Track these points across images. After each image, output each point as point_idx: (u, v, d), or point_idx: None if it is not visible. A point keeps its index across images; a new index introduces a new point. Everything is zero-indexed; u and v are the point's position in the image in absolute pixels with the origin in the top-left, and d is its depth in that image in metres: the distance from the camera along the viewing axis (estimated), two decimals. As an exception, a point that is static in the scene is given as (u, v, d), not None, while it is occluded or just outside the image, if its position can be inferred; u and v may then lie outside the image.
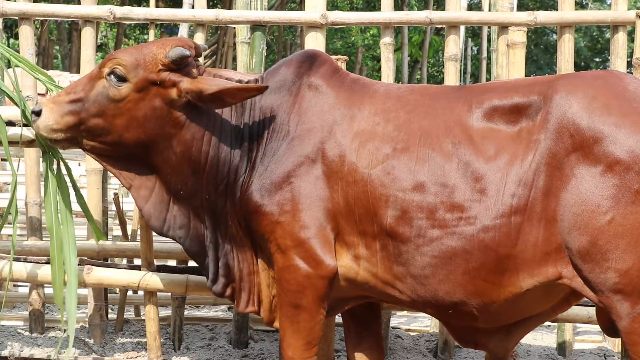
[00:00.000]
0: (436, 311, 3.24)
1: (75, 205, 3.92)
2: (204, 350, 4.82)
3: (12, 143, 3.93)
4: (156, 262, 4.29)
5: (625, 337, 2.95)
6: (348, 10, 16.20)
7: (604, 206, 2.86)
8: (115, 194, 5.09)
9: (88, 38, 4.83)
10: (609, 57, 4.93)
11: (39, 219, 5.02)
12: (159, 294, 4.35)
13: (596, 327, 4.62)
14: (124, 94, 3.27)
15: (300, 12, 4.93)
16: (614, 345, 5.07)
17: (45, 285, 4.94)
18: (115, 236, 5.91)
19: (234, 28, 4.99)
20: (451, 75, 4.89)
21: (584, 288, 2.95)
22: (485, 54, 11.23)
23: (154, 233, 4.17)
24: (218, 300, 5.42)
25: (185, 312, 5.14)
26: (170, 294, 4.82)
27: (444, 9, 5.03)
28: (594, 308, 3.55)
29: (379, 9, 5.00)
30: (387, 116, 3.23)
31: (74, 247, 3.79)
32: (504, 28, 4.84)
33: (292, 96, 3.35)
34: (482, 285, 3.05)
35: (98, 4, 4.93)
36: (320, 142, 3.23)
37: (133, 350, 4.75)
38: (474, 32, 19.29)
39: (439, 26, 4.97)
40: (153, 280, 4.17)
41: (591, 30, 24.63)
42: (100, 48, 20.23)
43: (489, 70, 8.09)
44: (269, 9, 7.44)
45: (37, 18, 4.93)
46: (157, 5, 8.31)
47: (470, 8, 15.34)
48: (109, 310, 5.39)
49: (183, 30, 5.02)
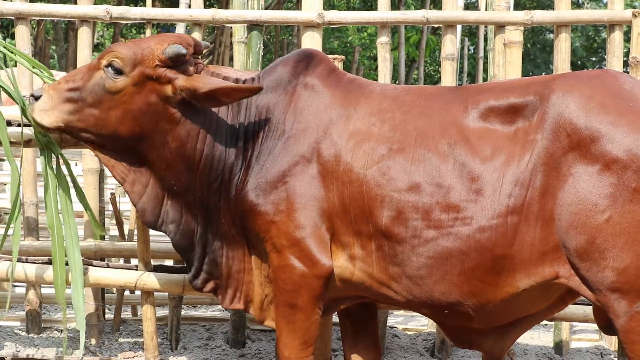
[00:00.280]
0: (432, 311, 3.24)
1: (76, 205, 3.90)
2: (201, 350, 4.82)
3: (11, 143, 3.93)
4: (153, 262, 4.28)
5: (622, 336, 2.95)
6: (345, 10, 16.22)
7: (601, 205, 2.86)
8: (112, 194, 5.09)
9: (85, 38, 4.83)
10: (605, 57, 4.94)
11: (36, 219, 5.02)
12: (156, 293, 4.35)
13: (593, 326, 4.63)
14: (120, 86, 3.26)
15: (297, 12, 4.93)
16: (611, 343, 5.07)
17: (42, 285, 4.94)
18: (112, 236, 5.91)
19: (231, 28, 4.98)
20: (448, 75, 4.89)
21: (581, 287, 2.95)
22: (482, 53, 11.24)
23: (151, 233, 4.19)
24: (215, 300, 5.42)
25: (183, 312, 5.14)
26: (167, 293, 4.83)
27: (440, 9, 5.03)
28: (591, 307, 3.56)
29: (376, 9, 5.01)
30: (383, 116, 3.22)
31: (77, 243, 3.77)
32: (500, 27, 4.84)
33: (288, 95, 3.35)
34: (478, 286, 3.05)
35: (95, 4, 4.92)
36: (316, 142, 3.23)
37: (130, 350, 4.74)
38: (470, 32, 19.30)
39: (436, 25, 4.97)
40: (150, 280, 4.16)
41: (587, 30, 24.65)
42: (96, 48, 20.21)
43: (485, 70, 8.10)
44: (266, 8, 7.44)
45: (34, 18, 4.93)
46: (154, 5, 8.30)
47: (467, 7, 15.35)
48: (106, 311, 5.39)
49: (180, 30, 5.00)
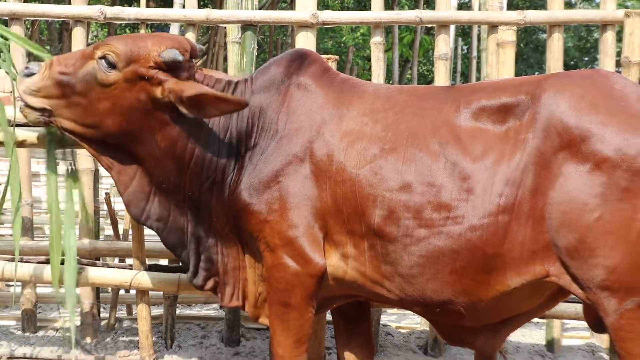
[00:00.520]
0: (424, 310, 3.25)
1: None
2: (196, 349, 4.83)
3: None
4: (148, 261, 4.29)
5: (612, 333, 2.96)
6: (339, 10, 16.20)
7: (591, 204, 2.87)
8: (107, 194, 5.09)
9: (79, 38, 4.83)
10: (598, 56, 4.95)
11: (31, 219, 5.02)
12: (151, 292, 4.35)
13: (584, 324, 4.63)
14: (112, 80, 3.24)
15: (291, 12, 4.94)
16: (602, 341, 5.10)
17: (37, 284, 4.94)
18: (107, 236, 5.91)
19: (225, 28, 4.98)
20: (441, 75, 4.90)
21: (572, 285, 2.96)
22: (475, 53, 11.24)
23: (146, 232, 4.19)
24: (210, 298, 5.44)
25: (177, 311, 5.14)
26: (162, 292, 4.83)
27: (434, 9, 5.04)
28: (582, 305, 3.57)
29: (370, 9, 5.01)
30: (376, 116, 3.23)
31: (73, 225, 3.72)
32: (493, 27, 4.85)
33: (281, 95, 3.35)
34: (470, 284, 3.06)
35: (89, 4, 4.92)
36: (309, 142, 3.24)
37: (125, 349, 4.75)
38: (464, 32, 19.30)
39: (429, 25, 4.98)
40: (145, 279, 4.17)
41: (579, 30, 24.69)
42: (91, 48, 20.12)
43: (479, 69, 8.12)
44: (260, 8, 7.44)
45: (28, 18, 4.92)
46: (148, 5, 8.28)
47: (460, 7, 15.36)
48: (101, 310, 5.39)
49: (174, 30, 5.00)
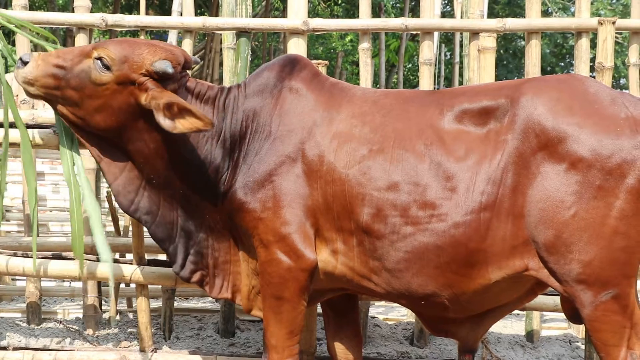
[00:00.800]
0: (409, 302, 3.25)
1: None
2: (192, 340, 4.82)
3: (12, 144, 3.93)
4: (147, 257, 4.28)
5: (588, 324, 2.98)
6: (328, 18, 16.21)
7: (567, 201, 2.89)
8: (108, 192, 5.08)
9: (82, 44, 4.81)
10: (573, 62, 4.96)
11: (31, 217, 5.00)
12: (150, 286, 4.34)
13: (562, 315, 4.65)
14: (105, 80, 3.23)
15: (283, 19, 4.93)
16: (579, 331, 5.11)
17: (42, 278, 4.93)
18: (108, 232, 5.90)
19: (220, 34, 4.97)
20: (426, 79, 4.90)
21: (550, 279, 2.98)
22: (457, 59, 11.24)
23: (145, 229, 4.18)
24: (206, 292, 5.43)
25: (175, 304, 5.13)
26: (160, 286, 4.82)
27: (419, 17, 5.04)
28: (560, 297, 3.57)
29: (358, 17, 5.01)
30: (364, 119, 3.23)
31: (91, 191, 3.67)
32: (475, 34, 4.85)
33: (274, 99, 3.35)
34: (453, 278, 3.07)
35: (91, 12, 4.91)
36: (301, 143, 3.23)
37: (126, 340, 4.73)
38: (447, 38, 19.31)
39: (414, 32, 4.98)
40: (144, 273, 4.16)
41: (556, 37, 24.73)
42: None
43: (461, 74, 8.12)
44: (254, 16, 7.43)
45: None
46: (147, 13, 8.28)
47: (443, 15, 15.38)
48: (103, 303, 5.38)
49: (172, 37, 4.99)
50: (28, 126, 3.85)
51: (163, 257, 4.86)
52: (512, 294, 3.25)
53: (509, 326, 5.52)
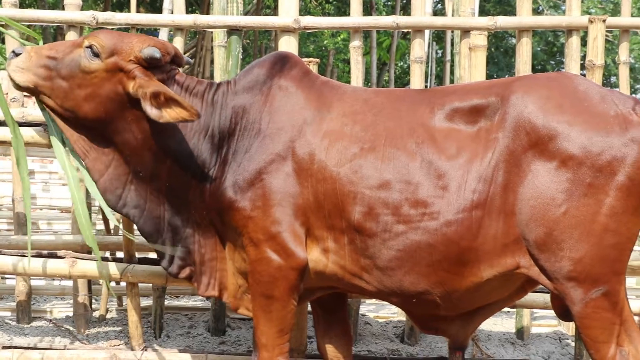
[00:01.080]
0: (401, 300, 3.25)
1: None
2: (183, 338, 4.81)
3: (4, 142, 3.93)
4: (137, 255, 4.27)
5: (578, 322, 2.99)
6: (320, 16, 16.18)
7: (558, 199, 2.89)
8: (99, 190, 5.06)
9: (72, 42, 4.80)
10: (564, 60, 4.97)
11: (25, 215, 5.00)
12: (140, 284, 4.34)
13: (552, 313, 4.65)
14: (93, 68, 3.23)
15: (274, 17, 4.93)
16: (569, 329, 5.13)
17: (32, 277, 4.92)
18: (99, 230, 5.89)
19: (212, 32, 4.97)
20: (417, 77, 4.90)
21: (540, 276, 2.99)
22: (449, 57, 11.23)
23: (135, 227, 4.17)
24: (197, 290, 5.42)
25: (166, 302, 5.13)
26: (151, 284, 4.81)
27: (410, 14, 5.05)
28: (549, 294, 3.58)
29: (349, 15, 5.01)
30: (355, 117, 3.23)
31: (78, 184, 3.58)
32: (466, 32, 4.86)
33: (264, 96, 3.34)
34: (445, 276, 3.07)
35: (82, 10, 4.90)
36: (291, 141, 3.23)
37: (116, 339, 4.73)
38: (438, 36, 19.32)
39: (405, 30, 4.98)
40: (135, 272, 4.15)
41: (547, 35, 24.77)
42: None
43: (452, 72, 8.12)
44: (245, 14, 7.42)
45: (23, 23, 4.88)
46: (138, 11, 8.26)
47: (434, 13, 15.39)
48: (93, 301, 5.37)
49: (163, 35, 4.97)
50: (18, 124, 3.84)
51: (153, 256, 4.85)
52: (503, 291, 3.26)
53: (499, 323, 5.53)
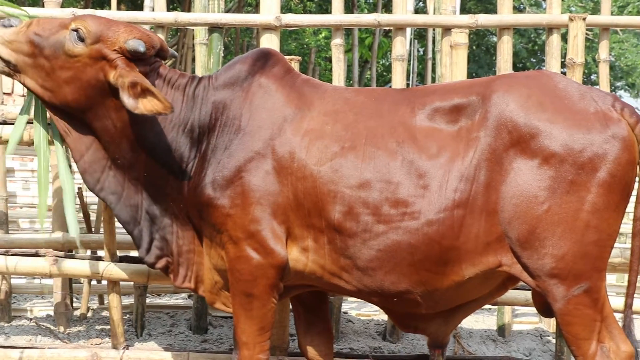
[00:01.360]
0: (381, 300, 3.24)
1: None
2: (165, 336, 4.80)
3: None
4: (119, 253, 4.25)
5: (560, 319, 3.00)
6: (301, 13, 16.19)
7: (541, 196, 2.90)
8: (79, 188, 5.04)
9: (51, 39, 4.76)
10: (545, 58, 4.99)
11: (5, 213, 4.97)
12: (121, 283, 4.31)
13: (534, 310, 4.67)
14: (77, 52, 3.21)
15: (256, 15, 4.92)
16: (550, 326, 5.16)
17: (12, 276, 4.88)
18: (80, 229, 5.86)
19: (193, 30, 4.95)
20: (398, 75, 4.91)
21: (523, 274, 2.99)
22: (430, 55, 11.27)
23: (117, 225, 4.15)
24: (178, 288, 5.41)
25: (147, 300, 5.12)
26: (132, 283, 4.79)
27: (391, 12, 5.05)
28: (531, 291, 3.60)
29: (331, 12, 5.00)
30: (336, 117, 3.22)
31: (66, 164, 3.64)
32: (447, 30, 4.87)
33: (245, 92, 3.32)
34: (427, 276, 3.06)
35: (62, 7, 4.86)
36: (271, 139, 3.21)
37: (97, 337, 4.71)
38: (420, 34, 19.37)
39: (387, 28, 4.98)
40: (116, 270, 4.13)
41: (529, 32, 24.89)
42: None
43: (434, 70, 8.14)
44: (226, 11, 7.39)
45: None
46: (119, 8, 8.21)
47: (416, 11, 15.42)
48: (74, 300, 5.34)
49: (144, 32, 4.96)
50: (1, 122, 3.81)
51: (135, 254, 4.83)
52: (484, 289, 3.26)
53: (481, 321, 5.55)
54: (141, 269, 4.10)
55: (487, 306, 5.64)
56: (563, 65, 4.84)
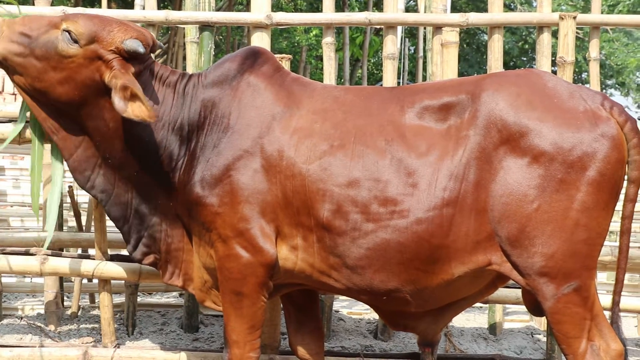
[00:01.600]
0: (370, 298, 3.24)
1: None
2: (156, 335, 4.79)
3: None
4: (110, 252, 4.25)
5: (550, 317, 3.00)
6: (292, 12, 16.17)
7: (530, 195, 2.91)
8: (70, 187, 5.03)
9: (42, 37, 4.75)
10: (535, 57, 5.01)
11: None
12: (112, 281, 4.31)
13: (524, 308, 4.69)
14: (72, 53, 3.19)
15: (247, 13, 4.91)
16: (540, 324, 5.17)
17: (2, 274, 4.87)
18: (71, 227, 5.84)
19: (184, 28, 4.95)
20: (389, 73, 4.91)
21: (513, 272, 3.00)
22: (421, 53, 11.27)
23: (108, 224, 4.15)
24: (170, 287, 5.40)
25: (138, 299, 5.11)
26: (123, 281, 4.79)
27: (382, 11, 5.05)
28: (521, 289, 3.61)
29: (322, 11, 5.01)
30: (325, 115, 3.22)
31: (60, 160, 3.63)
32: (438, 28, 4.87)
33: (233, 91, 3.32)
34: (416, 274, 3.07)
35: (52, 5, 4.85)
36: (259, 137, 3.21)
37: (88, 336, 4.70)
38: (410, 33, 19.37)
39: (378, 27, 4.99)
40: (107, 268, 4.13)
41: (521, 30, 24.93)
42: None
43: (425, 68, 8.16)
44: (217, 10, 7.39)
45: (-7, 18, 4.83)
46: (109, 6, 8.20)
47: (407, 10, 15.42)
48: (65, 298, 5.33)
49: (134, 31, 4.95)
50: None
51: (126, 252, 4.83)
52: (473, 287, 3.26)
53: (472, 319, 5.56)
54: (132, 268, 4.10)
55: (479, 304, 5.66)
56: (554, 63, 4.85)
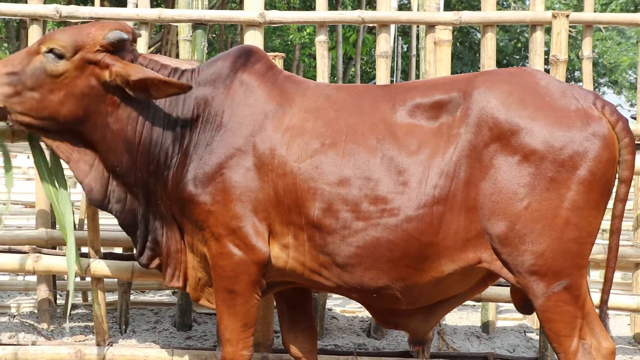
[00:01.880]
0: (360, 296, 3.25)
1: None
2: (149, 333, 4.80)
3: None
4: (103, 250, 4.25)
5: (541, 315, 3.02)
6: (285, 10, 16.17)
7: (520, 193, 2.92)
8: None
9: (35, 36, 4.74)
10: (528, 55, 5.02)
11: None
12: (105, 280, 4.31)
13: (517, 306, 4.73)
14: (62, 70, 3.21)
15: (240, 11, 4.91)
16: (533, 322, 5.18)
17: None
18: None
19: (177, 26, 4.95)
20: (382, 72, 4.92)
21: (503, 270, 3.00)
22: (414, 51, 11.27)
23: (101, 222, 4.15)
24: (163, 285, 5.41)
25: (131, 297, 5.11)
26: (116, 279, 4.79)
27: (375, 9, 5.06)
28: (510, 287, 3.62)
29: (315, 9, 5.01)
30: (317, 113, 3.22)
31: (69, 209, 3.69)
32: (431, 27, 4.88)
33: (226, 89, 3.33)
34: (406, 272, 3.08)
35: (44, 3, 4.85)
36: (251, 136, 3.22)
37: (81, 334, 4.70)
38: (403, 31, 19.38)
39: (371, 25, 4.99)
40: (100, 267, 4.13)
41: (515, 28, 24.95)
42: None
43: (418, 67, 8.16)
44: (210, 8, 7.39)
45: (-15, 16, 4.83)
46: (102, 4, 8.18)
47: (400, 8, 15.40)
48: (58, 296, 5.33)
49: (127, 28, 4.94)
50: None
51: (119, 250, 4.83)
52: (463, 285, 3.27)
53: (465, 317, 5.58)
54: (125, 266, 4.11)
55: (471, 303, 5.68)
56: (547, 62, 4.86)
